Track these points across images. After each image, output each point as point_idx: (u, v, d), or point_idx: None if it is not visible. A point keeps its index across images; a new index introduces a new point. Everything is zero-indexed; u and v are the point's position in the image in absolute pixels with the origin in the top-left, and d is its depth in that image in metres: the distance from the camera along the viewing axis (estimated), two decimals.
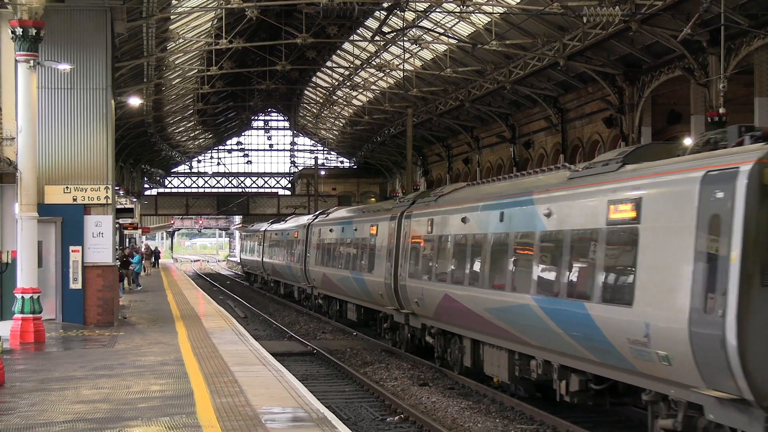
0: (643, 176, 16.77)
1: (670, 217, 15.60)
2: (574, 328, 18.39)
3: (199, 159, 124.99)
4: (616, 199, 17.30)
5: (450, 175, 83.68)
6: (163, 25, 50.56)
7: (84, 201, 32.48)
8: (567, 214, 19.25)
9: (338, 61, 75.38)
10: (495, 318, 22.47)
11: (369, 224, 35.70)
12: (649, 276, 15.90)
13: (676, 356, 14.99)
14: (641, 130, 49.53)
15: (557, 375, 19.96)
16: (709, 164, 14.81)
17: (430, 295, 27.37)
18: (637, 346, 16.07)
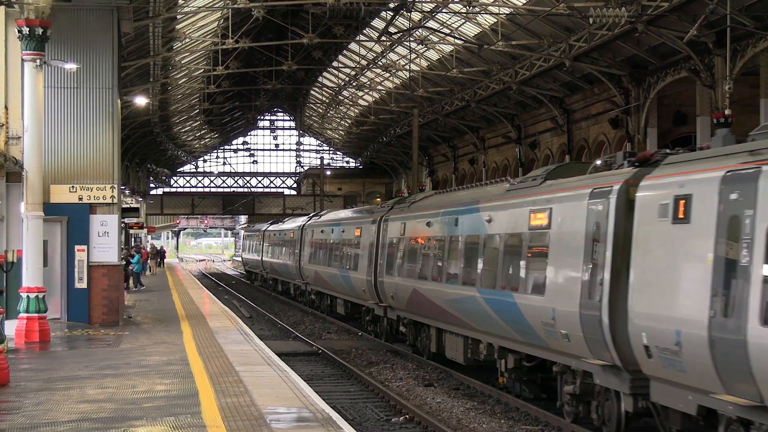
0: (554, 191, 20.77)
1: (570, 224, 19.57)
2: (506, 315, 22.30)
3: (205, 158, 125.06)
4: (535, 209, 21.30)
5: (456, 175, 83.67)
6: (170, 24, 50.60)
7: (90, 200, 32.51)
8: (502, 220, 23.21)
9: (344, 61, 75.40)
10: (452, 309, 26.33)
11: (354, 227, 39.48)
12: (555, 271, 19.90)
13: (572, 334, 18.93)
14: (647, 131, 49.51)
15: (497, 355, 23.78)
16: (595, 183, 18.91)
17: (402, 290, 31.21)
18: (547, 327, 20.02)
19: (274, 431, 15.18)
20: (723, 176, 14.56)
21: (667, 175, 16.43)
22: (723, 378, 14.19)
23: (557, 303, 19.54)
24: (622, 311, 17.09)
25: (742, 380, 13.77)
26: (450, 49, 58.28)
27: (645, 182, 16.98)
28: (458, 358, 26.73)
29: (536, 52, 50.82)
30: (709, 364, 14.38)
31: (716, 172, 14.83)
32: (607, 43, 45.42)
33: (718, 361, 14.18)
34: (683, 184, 15.65)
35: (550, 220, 20.38)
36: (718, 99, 41.01)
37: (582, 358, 18.84)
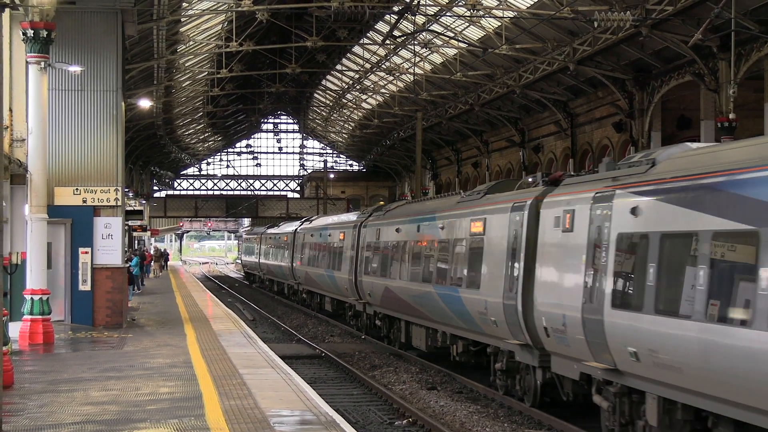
0: (488, 204, 25.05)
1: (497, 232, 23.76)
2: (454, 307, 26.36)
3: (209, 161, 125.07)
4: (474, 218, 25.64)
5: (459, 179, 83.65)
6: (174, 27, 50.61)
7: (93, 203, 32.56)
8: (452, 227, 27.39)
9: (348, 65, 75.41)
10: (415, 303, 30.51)
11: (339, 231, 43.69)
12: (488, 269, 24.15)
13: (499, 320, 23.18)
14: (651, 135, 49.49)
15: (449, 341, 27.95)
16: (516, 198, 23.27)
17: (377, 287, 35.23)
18: (482, 315, 24.29)
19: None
20: (593, 196, 18.87)
21: (562, 194, 20.67)
22: (591, 349, 18.33)
23: (488, 296, 23.78)
24: (530, 301, 21.29)
25: (602, 350, 17.85)
26: (454, 52, 58.29)
27: (548, 199, 21.27)
28: (421, 346, 30.83)
29: (540, 56, 50.82)
30: (583, 339, 18.58)
31: (590, 193, 19.14)
32: (612, 47, 45.41)
33: (588, 337, 18.34)
34: (570, 202, 19.92)
35: (485, 228, 24.72)
36: (722, 103, 40.99)
37: (506, 340, 23.06)
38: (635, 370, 16.90)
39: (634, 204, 17.15)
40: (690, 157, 16.76)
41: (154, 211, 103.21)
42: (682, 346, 15.10)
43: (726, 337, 13.92)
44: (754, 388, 13.49)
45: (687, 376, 15.17)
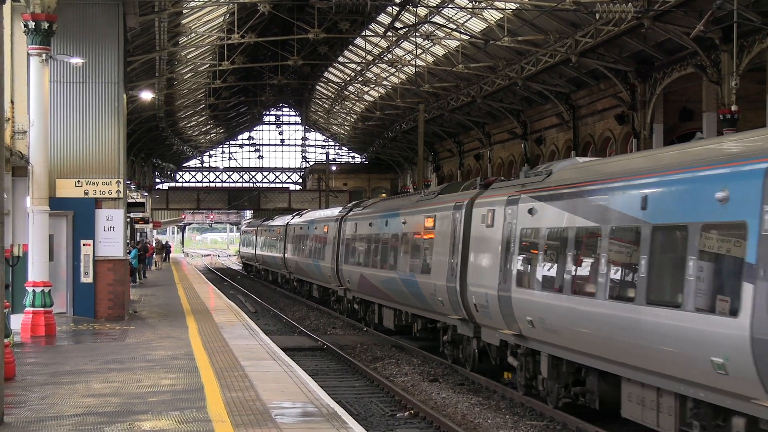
0: (439, 203, 29.77)
1: (444, 227, 28.40)
2: (413, 290, 31.26)
3: (211, 153, 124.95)
4: (428, 215, 30.31)
5: (461, 171, 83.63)
6: (176, 19, 50.55)
7: (95, 195, 32.57)
8: (411, 222, 32.23)
9: (350, 57, 75.36)
10: (384, 288, 35.14)
11: (324, 224, 48.50)
12: (436, 258, 28.76)
13: (444, 300, 27.67)
14: (653, 127, 49.46)
15: (411, 320, 32.99)
16: (457, 199, 27.95)
17: (354, 275, 39.83)
18: (433, 296, 28.86)
19: (279, 426, 15.18)
20: (507, 199, 23.66)
21: (488, 196, 25.48)
22: (505, 320, 23.05)
23: (437, 279, 28.34)
24: (465, 283, 26.00)
25: (512, 321, 22.65)
26: (456, 44, 58.25)
27: (478, 200, 26.14)
28: (390, 326, 35.53)
29: (542, 48, 50.78)
30: (499, 313, 23.29)
31: (504, 196, 23.93)
32: (614, 38, 45.35)
33: (502, 310, 23.06)
34: (492, 203, 24.81)
35: (435, 223, 29.44)
36: (724, 95, 40.95)
37: (449, 316, 27.76)
38: (533, 335, 21.73)
39: (531, 206, 22.00)
40: (572, 170, 21.42)
41: (157, 203, 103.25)
42: (559, 315, 19.89)
43: (582, 305, 18.80)
44: (606, 345, 18.06)
45: (564, 337, 19.92)
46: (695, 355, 14.99)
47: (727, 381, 14.31)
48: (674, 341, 15.58)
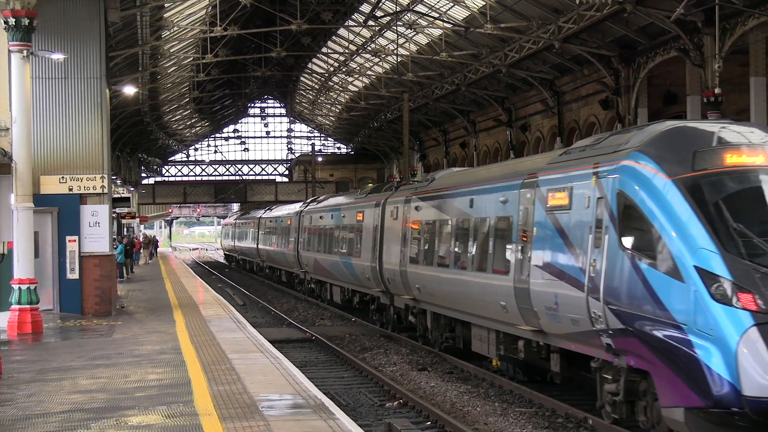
0: (367, 201, 36.94)
1: (369, 220, 35.45)
2: (350, 271, 38.11)
3: (196, 147, 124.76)
4: (359, 210, 37.41)
5: (447, 159, 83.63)
6: (158, 13, 50.41)
7: (80, 191, 32.42)
8: (348, 216, 39.52)
9: (333, 47, 75.28)
10: (332, 270, 42.12)
11: (287, 218, 56.69)
12: (363, 245, 35.77)
13: (369, 277, 34.91)
14: (637, 111, 49.49)
15: (351, 295, 39.97)
16: (377, 198, 35.27)
17: (311, 260, 47.48)
18: (363, 275, 35.85)
19: (267, 419, 15.14)
20: (404, 198, 31.16)
21: (395, 196, 32.76)
22: (405, 289, 30.39)
23: (364, 261, 35.34)
24: (382, 263, 33.02)
25: (408, 289, 29.92)
26: (439, 33, 58.20)
27: (389, 199, 33.40)
28: (338, 300, 42.66)
29: (525, 35, 50.75)
30: (401, 283, 30.68)
31: (403, 196, 31.52)
32: (596, 24, 45.33)
33: (402, 282, 30.36)
34: (396, 202, 32.08)
35: (364, 217, 36.43)
36: (707, 78, 40.98)
37: (373, 289, 35.09)
38: (421, 298, 29.11)
39: (418, 204, 29.59)
40: (444, 178, 29.01)
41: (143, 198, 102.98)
42: (432, 282, 27.44)
43: (442, 274, 26.44)
44: (458, 301, 25.39)
45: (436, 298, 27.45)
46: (494, 301, 22.30)
47: (508, 316, 21.77)
48: (485, 294, 22.96)
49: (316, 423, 14.84)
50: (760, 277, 14.57)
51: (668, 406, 15.50)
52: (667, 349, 15.22)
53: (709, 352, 14.46)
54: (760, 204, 15.59)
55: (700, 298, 14.66)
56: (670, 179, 15.78)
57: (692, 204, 15.39)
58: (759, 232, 15.09)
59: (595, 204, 17.49)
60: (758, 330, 14.21)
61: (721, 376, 14.28)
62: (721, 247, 14.83)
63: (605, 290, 16.79)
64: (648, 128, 17.44)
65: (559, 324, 19.00)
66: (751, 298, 14.43)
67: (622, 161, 16.83)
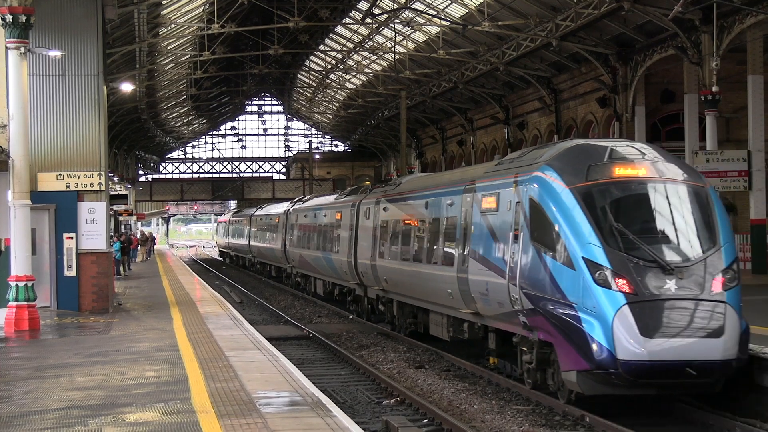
0: (344, 202, 39.65)
1: (346, 219, 38.31)
2: (330, 265, 41.12)
3: (193, 144, 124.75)
4: (337, 210, 40.45)
5: (444, 157, 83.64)
6: (155, 10, 50.37)
7: (77, 188, 32.36)
8: (329, 215, 42.52)
9: (331, 45, 75.25)
10: (315, 265, 45.29)
11: (275, 216, 60.38)
12: (340, 241, 38.80)
13: (346, 270, 37.74)
14: (635, 109, 49.54)
15: (332, 287, 42.87)
16: (353, 200, 37.84)
17: (296, 255, 51.11)
18: (341, 269, 38.76)
19: (264, 416, 15.13)
20: (375, 200, 33.90)
21: (367, 198, 35.74)
22: (376, 281, 33.36)
23: (342, 256, 38.25)
24: (357, 258, 35.74)
25: (379, 281, 32.94)
26: (436, 30, 58.19)
27: (363, 200, 36.22)
28: (320, 292, 45.62)
29: (523, 32, 50.76)
30: (372, 276, 33.62)
31: (374, 198, 34.36)
32: (594, 21, 45.38)
33: (374, 275, 33.36)
34: (368, 203, 35.08)
35: (341, 216, 39.43)
36: (705, 76, 41.02)
37: (350, 282, 38.03)
38: (389, 288, 32.04)
39: (386, 205, 32.54)
40: (408, 182, 32.36)
41: (140, 195, 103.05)
42: (396, 274, 30.66)
43: (403, 266, 29.67)
44: (418, 290, 28.57)
45: (400, 288, 30.62)
46: (443, 289, 25.52)
47: (453, 302, 24.96)
48: (437, 283, 26.03)
49: (313, 420, 14.84)
50: (633, 266, 18.09)
51: (566, 370, 18.95)
52: (564, 324, 18.63)
53: (592, 326, 18.01)
54: (637, 208, 19.13)
55: (587, 282, 18.20)
56: (567, 188, 19.12)
57: (583, 208, 18.77)
58: (635, 231, 18.58)
59: (515, 207, 20.84)
60: (629, 308, 17.79)
61: (601, 344, 17.84)
62: (604, 243, 18.33)
63: (520, 278, 20.17)
64: (557, 145, 21.00)
65: (490, 307, 22.46)
66: (626, 282, 17.96)
67: (534, 172, 20.20)
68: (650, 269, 18.12)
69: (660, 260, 18.15)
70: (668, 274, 18.05)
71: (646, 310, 17.81)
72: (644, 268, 18.12)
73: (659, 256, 18.24)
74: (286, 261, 55.29)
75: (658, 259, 18.18)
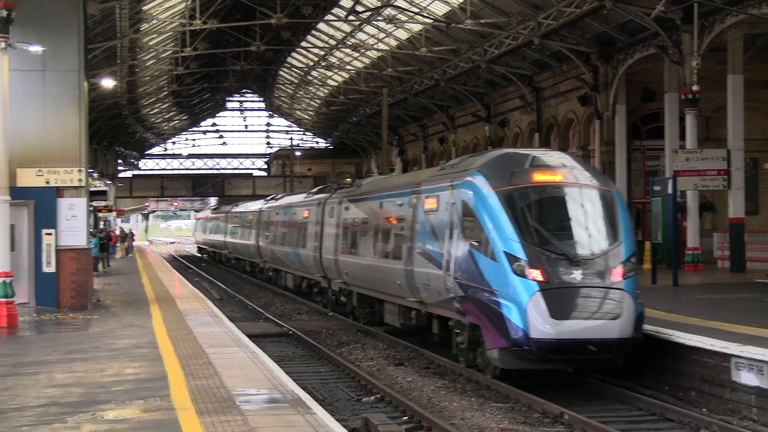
0: (312, 201, 41.80)
1: (314, 217, 40.27)
2: (298, 260, 43.42)
3: (174, 141, 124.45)
4: (305, 209, 42.76)
5: (426, 154, 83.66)
6: (136, 6, 50.28)
7: (57, 184, 32.20)
8: (297, 213, 44.90)
9: (313, 41, 75.19)
10: (285, 259, 47.77)
11: (250, 214, 63.34)
12: (307, 237, 40.98)
13: (313, 264, 39.89)
14: (616, 108, 49.63)
15: (300, 281, 44.79)
16: (318, 198, 40.40)
17: (269, 251, 53.29)
18: (308, 263, 40.89)
19: (244, 413, 15.11)
20: (338, 200, 36.39)
21: (332, 198, 37.97)
22: (339, 274, 35.48)
23: (309, 252, 40.47)
24: (322, 253, 37.97)
25: (341, 274, 35.07)
26: (419, 28, 58.19)
27: (328, 200, 38.44)
28: (290, 285, 47.74)
29: (505, 31, 50.81)
30: (335, 269, 35.84)
31: (338, 198, 36.86)
32: (576, 20, 45.46)
33: (337, 269, 35.59)
34: (333, 202, 37.36)
35: (309, 214, 41.56)
36: (686, 75, 41.13)
37: (315, 275, 40.32)
38: (350, 281, 34.49)
39: (347, 205, 34.95)
40: (367, 184, 34.79)
41: (120, 191, 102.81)
42: (355, 268, 33.12)
43: (361, 261, 31.97)
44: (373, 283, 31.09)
45: (359, 281, 33.08)
46: (394, 281, 28.02)
47: (402, 292, 27.44)
48: (389, 276, 28.59)
49: (293, 417, 14.82)
50: (545, 258, 20.71)
51: (489, 348, 21.68)
52: (488, 309, 21.28)
53: (510, 309, 20.61)
54: (552, 209, 21.89)
55: (506, 273, 20.84)
56: (493, 191, 21.78)
57: (506, 208, 21.37)
58: (549, 228, 21.32)
59: (451, 208, 23.55)
60: (541, 294, 20.39)
61: (517, 325, 20.43)
62: (522, 239, 20.95)
63: (454, 269, 22.93)
64: (488, 154, 24.01)
65: (432, 295, 25.01)
66: (539, 272, 20.56)
67: (467, 177, 22.95)
68: (560, 261, 20.71)
69: (569, 254, 20.77)
70: (575, 265, 20.68)
71: (555, 296, 20.40)
72: (555, 260, 20.72)
73: (568, 250, 20.86)
74: (259, 257, 57.98)
75: (567, 252, 20.78)
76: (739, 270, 41.65)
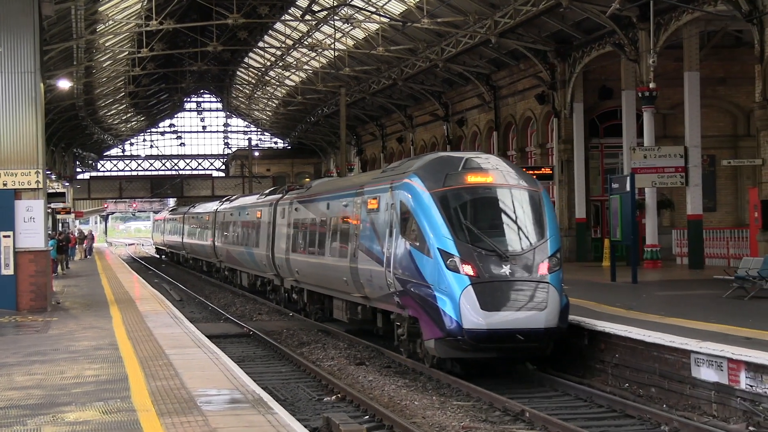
0: (264, 202, 42.91)
1: (265, 216, 41.75)
2: (252, 259, 44.69)
3: (132, 142, 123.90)
4: (257, 209, 43.92)
5: (384, 154, 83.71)
6: (92, 6, 49.99)
7: (14, 186, 32.05)
8: (251, 213, 45.92)
9: (270, 42, 75.07)
10: (239, 258, 48.94)
11: (206, 215, 63.97)
12: (260, 237, 42.25)
13: (266, 263, 40.98)
14: (573, 106, 49.85)
15: (255, 280, 45.84)
16: (270, 200, 42.11)
17: (225, 251, 53.97)
18: (261, 262, 42.04)
19: (205, 414, 15.08)
20: (290, 200, 37.26)
21: (284, 199, 38.98)
22: (290, 272, 36.59)
23: (262, 251, 41.60)
24: (274, 252, 39.22)
25: (292, 272, 36.44)
26: (376, 27, 58.22)
27: (280, 201, 39.44)
28: (245, 284, 48.93)
29: (462, 29, 50.91)
30: (286, 268, 37.04)
31: (289, 199, 37.64)
32: (532, 18, 45.62)
33: (288, 267, 36.74)
34: (284, 203, 38.46)
35: (261, 214, 42.84)
36: (642, 73, 41.37)
37: (268, 273, 41.50)
38: (300, 279, 35.57)
39: (297, 206, 36.17)
40: (316, 186, 36.04)
41: (78, 193, 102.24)
42: (304, 266, 34.30)
43: (310, 259, 33.13)
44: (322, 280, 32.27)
45: (309, 279, 34.20)
46: (340, 278, 29.14)
47: (348, 288, 28.57)
48: (335, 273, 29.67)
49: (254, 418, 14.81)
50: (476, 255, 22.02)
51: (427, 339, 22.93)
52: (424, 302, 22.56)
53: (444, 302, 21.91)
54: (483, 208, 23.17)
55: (441, 268, 22.10)
56: (428, 192, 23.07)
57: (440, 208, 22.68)
58: (480, 226, 22.61)
59: (390, 208, 24.81)
60: (473, 288, 21.69)
61: (451, 317, 21.72)
62: (454, 236, 22.25)
63: (394, 265, 24.17)
64: (425, 157, 25.35)
65: (374, 291, 26.19)
66: (471, 267, 21.85)
67: (404, 179, 24.31)
68: (490, 257, 22.05)
69: (498, 250, 22.10)
70: (504, 260, 22.04)
71: (486, 289, 21.73)
72: (485, 256, 22.04)
73: (498, 246, 22.19)
74: (215, 257, 58.80)
75: (497, 248, 22.11)
76: (697, 267, 41.93)
